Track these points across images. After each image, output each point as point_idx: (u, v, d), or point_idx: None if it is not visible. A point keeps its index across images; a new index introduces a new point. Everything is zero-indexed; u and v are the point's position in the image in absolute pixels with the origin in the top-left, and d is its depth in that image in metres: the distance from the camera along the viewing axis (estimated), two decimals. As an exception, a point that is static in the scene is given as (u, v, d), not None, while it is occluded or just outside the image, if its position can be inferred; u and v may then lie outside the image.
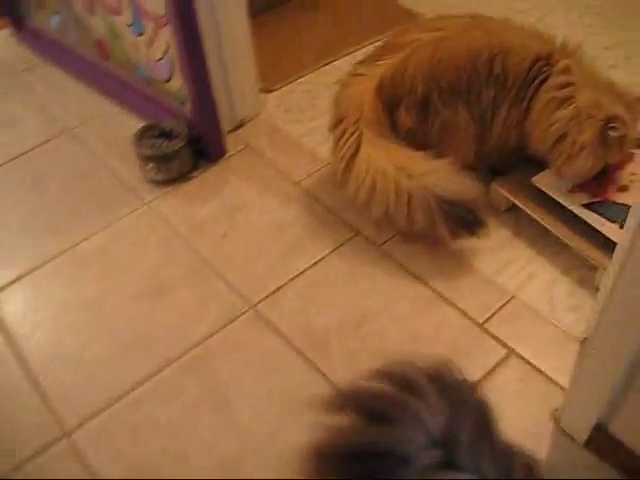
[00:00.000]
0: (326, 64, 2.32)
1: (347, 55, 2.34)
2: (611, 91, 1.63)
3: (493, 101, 1.64)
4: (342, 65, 2.29)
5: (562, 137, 1.62)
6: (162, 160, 1.88)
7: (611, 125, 1.57)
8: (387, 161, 1.60)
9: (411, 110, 1.63)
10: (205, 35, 1.78)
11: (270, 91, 2.22)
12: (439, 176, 1.58)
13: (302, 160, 1.99)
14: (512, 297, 1.62)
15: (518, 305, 1.60)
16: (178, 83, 1.91)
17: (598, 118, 1.58)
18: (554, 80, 1.61)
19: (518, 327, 1.56)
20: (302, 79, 2.27)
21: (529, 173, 1.74)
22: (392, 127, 1.66)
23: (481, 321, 1.57)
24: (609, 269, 1.38)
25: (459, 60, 1.60)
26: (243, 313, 1.61)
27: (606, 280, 1.39)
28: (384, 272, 1.69)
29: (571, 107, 1.60)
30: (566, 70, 1.61)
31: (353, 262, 1.71)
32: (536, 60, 1.61)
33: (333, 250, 1.74)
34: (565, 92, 1.60)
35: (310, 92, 2.22)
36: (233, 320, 1.60)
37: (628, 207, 1.63)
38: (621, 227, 1.61)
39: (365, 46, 2.35)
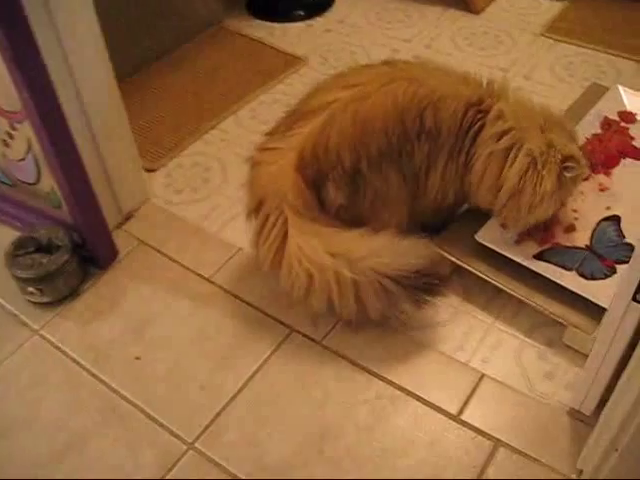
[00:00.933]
0: (211, 128, 2.05)
1: (231, 114, 2.10)
2: (553, 124, 1.48)
3: (427, 158, 1.45)
4: (228, 127, 2.06)
5: (518, 192, 1.46)
6: (45, 280, 1.55)
7: (566, 165, 1.44)
8: (321, 249, 1.37)
9: (340, 184, 1.40)
10: (70, 119, 1.49)
11: (154, 170, 1.93)
12: (386, 254, 1.38)
13: (208, 249, 1.71)
14: (482, 376, 1.44)
15: (490, 384, 1.42)
16: (49, 184, 1.60)
17: (554, 162, 1.44)
18: (490, 131, 1.44)
19: (497, 411, 1.39)
20: (187, 150, 1.99)
21: (469, 227, 1.57)
22: (320, 206, 1.43)
23: (455, 412, 1.38)
24: (599, 336, 1.22)
25: (386, 120, 1.39)
26: (182, 456, 1.34)
27: (597, 349, 1.23)
28: (334, 373, 1.45)
29: (521, 158, 1.43)
30: (500, 116, 1.44)
31: (296, 367, 1.47)
32: (468, 107, 1.43)
33: (270, 356, 1.48)
34: (505, 142, 1.44)
35: (199, 164, 1.95)
36: (171, 467, 1.32)
37: (580, 249, 1.52)
38: (579, 274, 1.50)
39: (249, 101, 2.13)
